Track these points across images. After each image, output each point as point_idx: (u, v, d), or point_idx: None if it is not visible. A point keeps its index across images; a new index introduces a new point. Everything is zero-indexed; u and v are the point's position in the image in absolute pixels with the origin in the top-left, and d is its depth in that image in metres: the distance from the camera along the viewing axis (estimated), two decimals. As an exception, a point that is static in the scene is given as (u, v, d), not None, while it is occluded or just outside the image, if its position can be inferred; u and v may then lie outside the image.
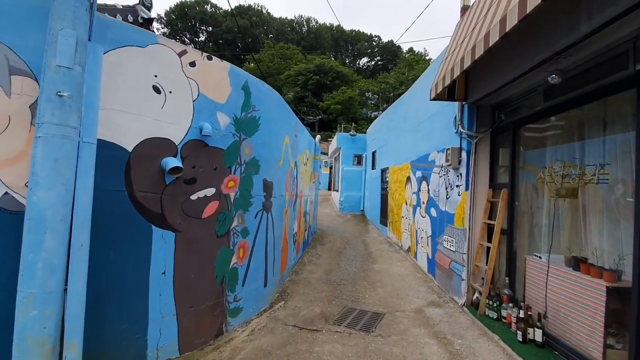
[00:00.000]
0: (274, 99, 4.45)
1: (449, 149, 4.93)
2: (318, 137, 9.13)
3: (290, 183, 5.46)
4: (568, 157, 3.46)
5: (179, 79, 3.07)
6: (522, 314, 3.40)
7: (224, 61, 3.45)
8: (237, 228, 3.67)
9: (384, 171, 10.43)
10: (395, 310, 4.47)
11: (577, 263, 3.07)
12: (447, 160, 4.99)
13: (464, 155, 4.73)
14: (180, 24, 66.07)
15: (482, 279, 4.37)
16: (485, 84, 4.12)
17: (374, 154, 11.99)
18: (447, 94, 4.71)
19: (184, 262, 3.12)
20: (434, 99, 4.69)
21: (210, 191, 3.31)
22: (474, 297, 4.41)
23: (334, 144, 15.50)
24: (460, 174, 4.80)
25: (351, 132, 14.23)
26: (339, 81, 47.08)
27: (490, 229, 4.46)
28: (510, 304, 3.74)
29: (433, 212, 5.93)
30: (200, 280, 3.25)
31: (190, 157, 3.14)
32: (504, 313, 3.83)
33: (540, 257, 3.56)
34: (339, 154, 15.05)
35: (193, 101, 3.16)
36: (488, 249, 4.37)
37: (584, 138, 3.29)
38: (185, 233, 3.12)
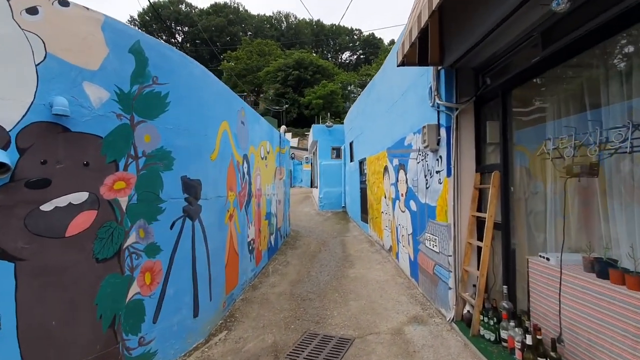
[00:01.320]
0: (197, 73, 3.43)
1: (425, 127, 4.00)
2: (283, 127, 8.14)
3: (236, 181, 4.45)
4: (581, 122, 2.55)
5: (7, 33, 2.03)
6: (529, 340, 2.48)
7: (93, 10, 2.41)
8: (136, 246, 2.65)
9: (361, 163, 9.50)
10: (369, 333, 3.53)
11: (604, 268, 2.16)
12: (424, 142, 4.06)
13: (442, 133, 3.80)
14: (154, 25, 63.80)
15: (474, 286, 3.46)
16: (463, 38, 3.18)
17: (351, 145, 11.05)
18: (419, 57, 3.77)
19: (36, 303, 2.10)
20: (402, 64, 3.74)
21: (78, 197, 2.29)
22: (465, 311, 3.49)
23: (310, 137, 14.51)
24: (440, 157, 3.87)
25: (327, 124, 13.26)
26: (320, 75, 46.11)
27: (480, 224, 3.55)
28: (512, 322, 2.82)
29: (413, 205, 5.01)
30: (69, 327, 2.23)
31: (35, 147, 2.11)
32: (503, 334, 2.91)
33: (547, 259, 2.65)
34: (316, 147, 14.08)
35: (36, 65, 2.12)
36: (479, 249, 3.46)
37: (606, 89, 2.38)
38: (33, 261, 2.09)
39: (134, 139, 2.65)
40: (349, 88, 47.45)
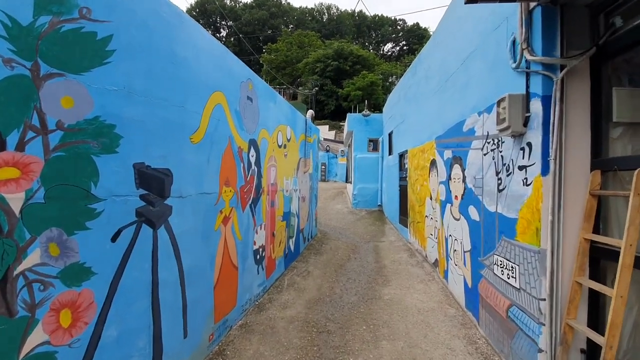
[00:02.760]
0: (168, 15, 2.41)
1: (503, 100, 2.67)
2: (310, 112, 7.01)
3: (237, 172, 3.42)
4: None
5: None
6: None
7: None
8: (42, 269, 1.69)
9: (402, 156, 8.14)
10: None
11: None
12: (500, 123, 2.74)
13: (535, 107, 2.46)
14: (201, 21, 65.35)
15: (582, 353, 2.13)
16: None
17: (390, 135, 9.69)
18: (501, -11, 2.45)
19: None
20: (471, 1, 2.44)
21: None
22: (569, 394, 2.17)
23: (345, 127, 13.26)
24: (528, 144, 2.54)
25: (364, 112, 11.93)
26: (360, 66, 44.38)
27: (598, 253, 2.19)
28: None
29: (473, 212, 3.68)
30: None
31: None
32: None
33: None
34: (352, 139, 12.81)
35: None
36: (593, 294, 2.12)
37: None
38: None
39: (39, 102, 1.67)
40: (390, 79, 45.22)
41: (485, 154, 3.40)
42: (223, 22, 70.93)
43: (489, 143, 3.33)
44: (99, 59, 1.91)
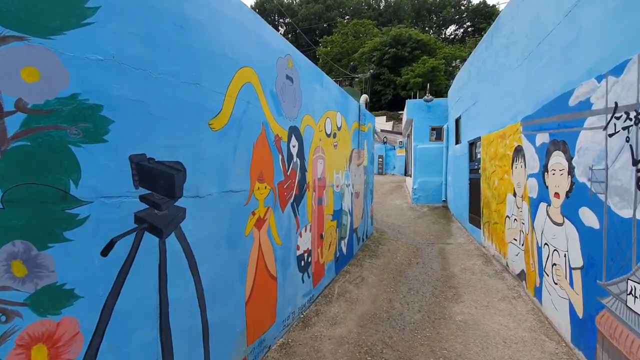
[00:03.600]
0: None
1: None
2: (364, 97, 6.19)
3: (273, 165, 2.88)
4: None
5: None
6: None
7: None
8: (2, 295, 1.29)
9: (472, 144, 6.99)
10: None
11: None
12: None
13: None
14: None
15: None
16: None
17: (457, 122, 8.49)
18: None
19: None
20: None
21: None
22: None
23: (404, 115, 12.14)
24: None
25: (426, 97, 10.72)
26: (420, 51, 41.70)
27: None
28: None
29: (587, 216, 2.68)
30: None
31: None
32: None
33: None
34: (411, 128, 11.69)
35: None
36: None
37: None
38: None
39: (-14, 72, 1.25)
40: (454, 63, 41.87)
41: (611, 135, 2.40)
42: (281, 20, 72.10)
43: (618, 119, 2.32)
44: (75, 18, 1.45)
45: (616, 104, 2.34)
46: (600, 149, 2.52)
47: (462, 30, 65.07)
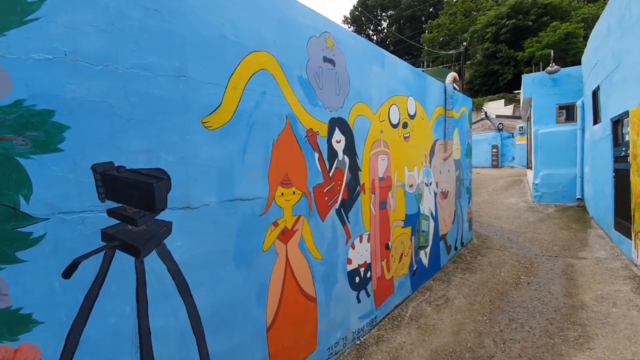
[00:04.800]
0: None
1: None
2: (451, 75, 4.97)
3: (306, 166, 2.43)
4: None
5: None
6: None
7: None
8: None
9: (617, 122, 5.07)
10: None
11: None
12: None
13: None
14: (363, 18, 66.96)
15: None
16: None
17: (595, 95, 6.36)
18: None
19: None
20: None
21: None
22: None
23: (522, 94, 9.88)
24: None
25: (549, 68, 8.42)
26: (548, 17, 34.51)
27: None
28: None
29: None
30: None
31: None
32: None
33: None
34: (530, 108, 9.45)
35: None
36: None
37: None
38: None
39: None
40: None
41: None
42: (383, 13, 70.16)
43: None
44: (16, 16, 1.29)
45: None
46: None
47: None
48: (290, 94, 2.31)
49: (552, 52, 10.00)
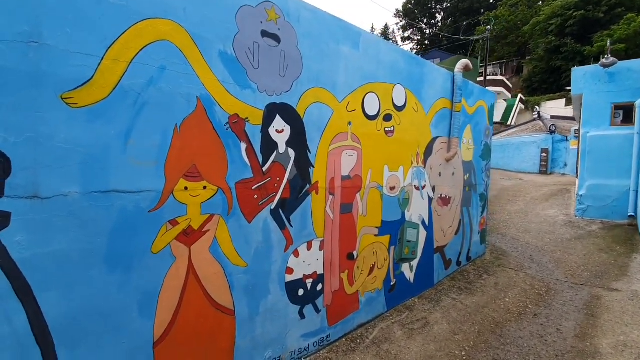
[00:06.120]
0: None
1: None
2: (462, 62, 4.22)
3: (232, 158, 2.09)
4: None
5: None
6: None
7: None
8: None
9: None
10: None
11: None
12: None
13: None
14: (416, 11, 64.02)
15: None
16: None
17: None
18: None
19: None
20: None
21: None
22: None
23: (572, 90, 8.52)
24: None
25: (604, 60, 7.11)
26: (622, 9, 30.33)
27: None
28: None
29: None
30: None
31: None
32: None
33: None
34: (580, 107, 8.14)
35: None
36: None
37: None
38: None
39: None
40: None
41: None
42: (438, 6, 66.48)
43: None
44: None
45: None
46: None
47: None
48: (206, 72, 1.97)
49: (608, 42, 8.49)
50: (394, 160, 3.37)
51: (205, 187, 2.00)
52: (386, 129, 3.25)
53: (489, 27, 30.22)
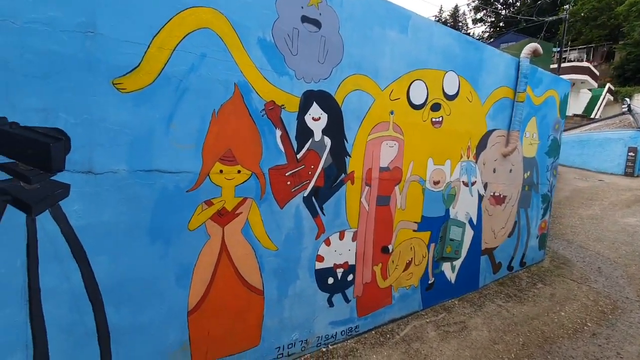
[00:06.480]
0: None
1: None
2: (530, 47, 3.71)
3: (267, 144, 2.14)
4: None
5: None
6: None
7: None
8: None
9: None
10: None
11: None
12: None
13: None
14: None
15: None
16: None
17: None
18: None
19: None
20: None
21: None
22: None
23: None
24: None
25: None
26: None
27: None
28: None
29: None
30: None
31: None
32: None
33: None
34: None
35: None
36: None
37: None
38: None
39: None
40: None
41: None
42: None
43: None
44: None
45: None
46: None
47: None
48: (244, 59, 2.02)
49: None
50: (440, 153, 3.17)
51: (239, 171, 2.08)
52: (433, 120, 3.06)
53: (566, 5, 26.11)
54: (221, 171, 2.02)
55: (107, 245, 1.74)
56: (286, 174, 2.26)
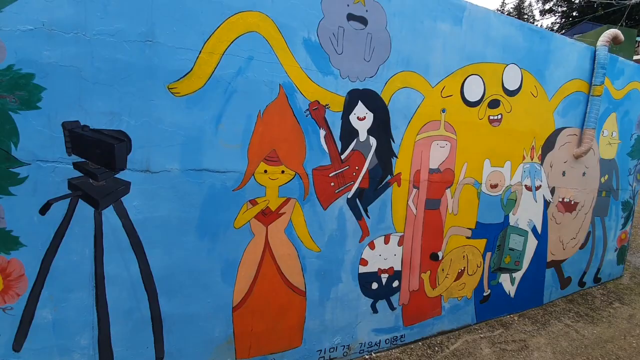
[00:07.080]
0: None
1: None
2: (609, 33, 3.22)
3: (311, 144, 2.14)
4: None
5: None
6: None
7: None
8: None
9: None
10: None
11: None
12: None
13: None
14: None
15: None
16: None
17: None
18: None
19: None
20: None
21: None
22: None
23: None
24: None
25: None
26: None
27: None
28: None
29: None
30: None
31: None
32: None
33: None
34: None
35: None
36: None
37: None
38: None
39: None
40: None
41: None
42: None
43: None
44: (8, -7, 1.57)
45: None
46: None
47: None
48: (289, 60, 2.04)
49: None
50: (498, 153, 2.91)
51: (283, 172, 2.11)
52: (491, 118, 2.82)
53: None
54: (265, 171, 2.06)
55: (161, 239, 1.87)
56: (330, 175, 2.24)
